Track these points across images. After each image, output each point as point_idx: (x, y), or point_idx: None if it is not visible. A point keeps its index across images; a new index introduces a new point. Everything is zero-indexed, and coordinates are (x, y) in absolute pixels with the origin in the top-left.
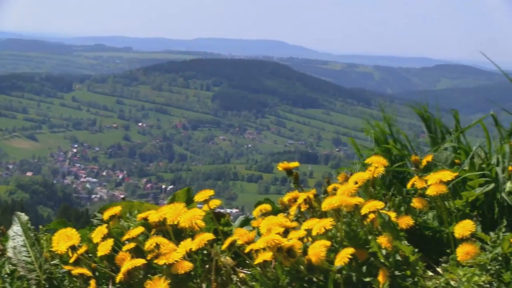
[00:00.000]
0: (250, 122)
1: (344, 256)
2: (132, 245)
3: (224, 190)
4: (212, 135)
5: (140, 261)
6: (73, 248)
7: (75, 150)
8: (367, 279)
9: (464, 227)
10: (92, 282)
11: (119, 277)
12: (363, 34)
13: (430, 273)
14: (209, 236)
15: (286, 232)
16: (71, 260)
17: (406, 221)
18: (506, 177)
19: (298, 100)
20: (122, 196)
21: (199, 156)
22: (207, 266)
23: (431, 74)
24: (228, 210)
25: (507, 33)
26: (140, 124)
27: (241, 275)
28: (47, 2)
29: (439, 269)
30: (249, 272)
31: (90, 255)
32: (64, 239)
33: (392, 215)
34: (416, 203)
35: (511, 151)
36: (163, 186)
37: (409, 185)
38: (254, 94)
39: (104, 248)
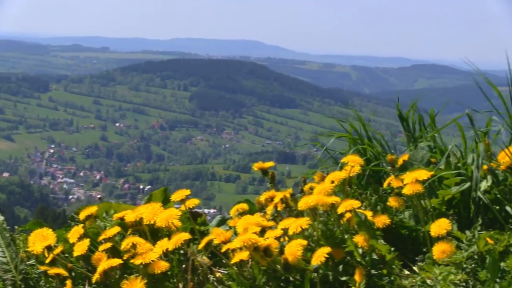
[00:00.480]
0: (227, 122)
1: (320, 255)
2: (108, 245)
3: (202, 190)
4: (189, 135)
5: (116, 261)
6: (49, 248)
7: (52, 151)
8: (344, 278)
9: (440, 226)
10: (68, 282)
11: (95, 277)
12: (341, 34)
13: (406, 272)
14: (186, 235)
15: (262, 232)
16: (47, 261)
17: (382, 220)
18: (481, 176)
19: (276, 100)
20: (99, 196)
21: (176, 156)
22: (183, 265)
23: (408, 74)
24: (206, 210)
25: (484, 34)
26: (117, 124)
27: (218, 274)
28: (23, 2)
29: (415, 268)
30: (225, 272)
31: (66, 255)
32: (40, 239)
33: (369, 214)
34: (392, 202)
35: (486, 150)
36: (141, 187)
37: (385, 184)
38: (232, 94)
39: (80, 248)
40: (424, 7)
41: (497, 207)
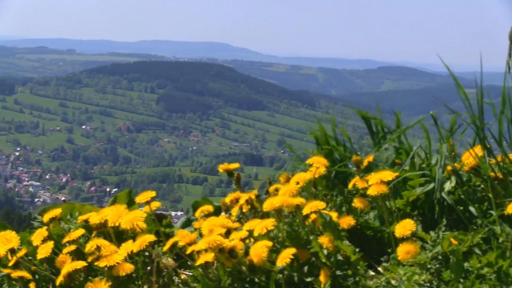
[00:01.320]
0: (195, 125)
1: (285, 256)
2: (72, 247)
3: (169, 192)
4: (156, 137)
5: (80, 264)
6: (12, 251)
7: (17, 154)
8: (309, 279)
9: (404, 227)
10: (32, 285)
11: (59, 279)
12: (308, 36)
13: (371, 273)
14: (151, 237)
15: (228, 233)
16: (11, 263)
17: (347, 221)
18: (445, 176)
19: (243, 102)
20: (63, 199)
21: (143, 158)
22: (148, 267)
23: (374, 76)
24: (173, 213)
25: (452, 37)
26: (83, 127)
27: (183, 276)
28: None
29: (380, 269)
30: (190, 274)
31: (30, 258)
32: (3, 242)
33: (334, 215)
34: (357, 203)
35: (451, 151)
36: (108, 189)
37: (350, 185)
38: (199, 97)
39: (44, 251)
40: (391, 10)
41: (461, 208)
